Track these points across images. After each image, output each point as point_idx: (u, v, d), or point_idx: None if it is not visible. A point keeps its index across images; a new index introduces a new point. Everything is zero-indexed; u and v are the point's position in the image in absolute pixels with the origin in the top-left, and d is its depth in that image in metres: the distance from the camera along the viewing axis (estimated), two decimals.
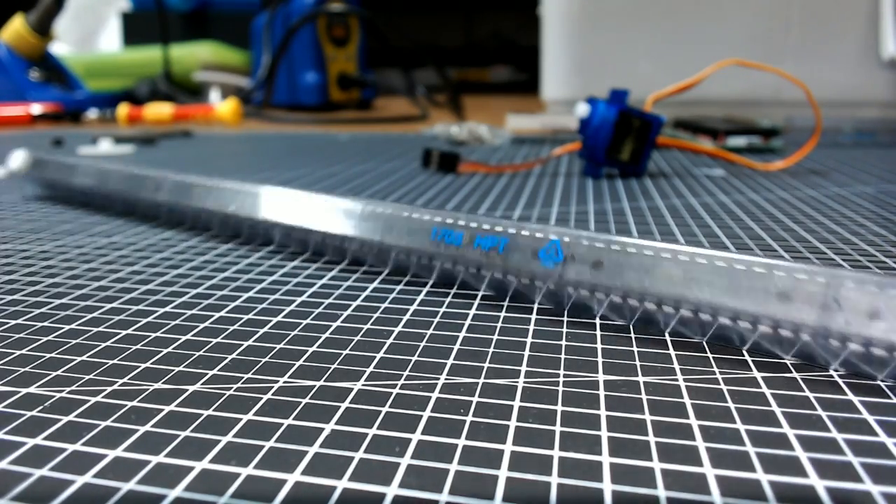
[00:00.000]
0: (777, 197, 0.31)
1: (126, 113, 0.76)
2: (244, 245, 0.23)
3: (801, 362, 0.14)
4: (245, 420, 0.12)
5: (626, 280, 0.15)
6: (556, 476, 0.10)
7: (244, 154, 0.50)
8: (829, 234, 0.24)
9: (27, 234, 0.25)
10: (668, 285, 0.14)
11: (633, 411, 0.12)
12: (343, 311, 0.17)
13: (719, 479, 0.10)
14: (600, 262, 0.15)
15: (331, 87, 0.93)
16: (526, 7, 0.88)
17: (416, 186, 0.35)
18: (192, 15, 1.16)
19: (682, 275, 0.14)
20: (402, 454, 0.11)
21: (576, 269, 0.15)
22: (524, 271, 0.16)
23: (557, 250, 0.15)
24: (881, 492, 0.10)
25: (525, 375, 0.13)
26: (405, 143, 0.55)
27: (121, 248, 0.23)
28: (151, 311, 0.17)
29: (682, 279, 0.14)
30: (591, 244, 0.15)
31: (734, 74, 0.49)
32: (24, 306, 0.18)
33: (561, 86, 0.75)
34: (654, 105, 0.37)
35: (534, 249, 0.16)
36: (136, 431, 0.11)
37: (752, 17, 0.68)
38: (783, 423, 0.11)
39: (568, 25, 0.73)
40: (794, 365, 0.14)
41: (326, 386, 0.13)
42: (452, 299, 0.18)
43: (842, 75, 0.67)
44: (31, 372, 0.14)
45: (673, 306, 0.14)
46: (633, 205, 0.30)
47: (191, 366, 0.14)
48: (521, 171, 0.40)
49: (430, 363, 0.14)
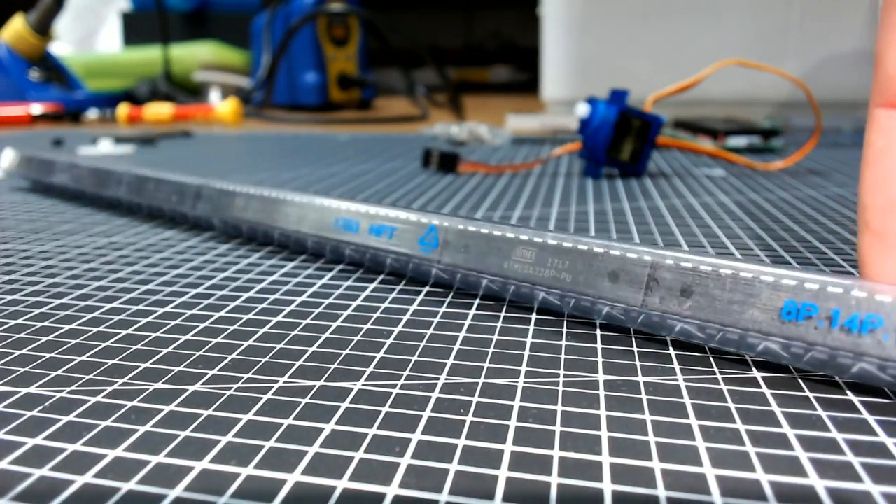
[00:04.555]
0: (777, 197, 0.31)
1: (126, 113, 0.76)
2: (244, 245, 0.23)
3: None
4: (245, 420, 0.12)
5: (487, 263, 0.16)
6: (556, 476, 0.10)
7: (244, 154, 0.50)
8: (828, 234, 0.24)
9: (27, 234, 0.25)
10: (522, 266, 0.16)
11: (633, 411, 0.12)
12: (343, 311, 0.17)
13: (719, 479, 0.10)
14: (468, 246, 0.17)
15: (331, 87, 0.93)
16: (526, 7, 0.88)
17: (416, 186, 0.35)
18: (192, 15, 1.16)
19: (533, 258, 0.16)
20: (402, 454, 0.11)
21: (450, 255, 0.17)
22: (412, 256, 0.18)
23: (434, 237, 0.17)
24: (881, 492, 0.10)
25: (525, 375, 0.13)
26: (405, 143, 0.55)
27: (121, 248, 0.23)
28: (151, 311, 0.17)
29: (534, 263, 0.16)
30: (464, 229, 0.17)
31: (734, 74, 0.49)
32: (24, 306, 0.18)
33: (561, 86, 0.75)
34: (654, 105, 0.37)
35: (416, 236, 0.18)
36: (136, 431, 0.11)
37: (752, 17, 0.68)
38: (783, 423, 0.11)
39: (568, 25, 0.73)
40: (793, 365, 0.14)
41: (326, 386, 0.13)
42: (452, 299, 0.18)
43: (842, 75, 0.67)
44: (31, 372, 0.14)
45: (529, 285, 0.16)
46: (633, 205, 0.30)
47: (191, 366, 0.14)
48: (521, 171, 0.40)
49: (430, 363, 0.14)
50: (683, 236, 0.24)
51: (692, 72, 0.37)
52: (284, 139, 0.60)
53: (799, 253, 0.22)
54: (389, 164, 0.43)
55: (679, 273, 0.13)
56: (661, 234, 0.25)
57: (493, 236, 0.16)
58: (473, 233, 0.17)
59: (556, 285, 0.15)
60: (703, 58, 0.51)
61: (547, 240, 0.15)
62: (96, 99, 0.86)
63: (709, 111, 0.62)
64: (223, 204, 0.23)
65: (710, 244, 0.23)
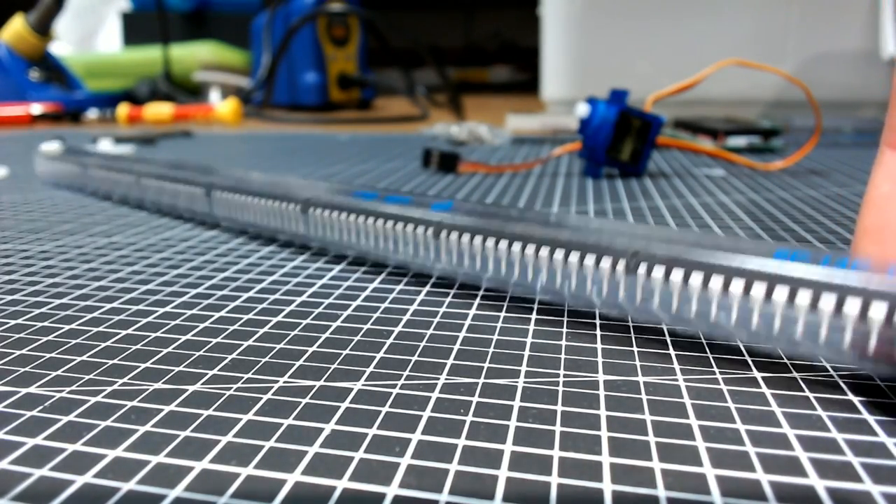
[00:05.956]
0: (777, 197, 0.31)
1: (126, 113, 0.76)
2: (244, 245, 0.23)
3: (801, 362, 0.14)
4: (245, 420, 0.12)
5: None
6: (556, 476, 0.10)
7: (244, 154, 0.50)
8: (829, 234, 0.24)
9: (27, 234, 0.25)
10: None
11: (633, 411, 0.12)
12: (343, 311, 0.17)
13: (719, 479, 0.10)
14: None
15: (331, 87, 0.93)
16: (526, 7, 0.88)
17: (416, 186, 0.35)
18: (192, 15, 1.16)
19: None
20: (402, 454, 0.11)
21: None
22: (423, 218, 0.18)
23: (448, 203, 0.18)
24: (881, 492, 0.10)
25: (525, 375, 0.13)
26: (405, 143, 0.55)
27: (121, 248, 0.23)
28: (151, 311, 0.17)
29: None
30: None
31: (734, 74, 0.49)
32: (24, 306, 0.18)
33: (561, 86, 0.75)
34: (654, 105, 0.37)
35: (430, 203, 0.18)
36: (136, 431, 0.11)
37: (752, 17, 0.68)
38: (783, 423, 0.11)
39: (568, 25, 0.73)
40: (794, 365, 0.14)
41: (326, 386, 0.13)
42: (452, 299, 0.18)
43: (842, 75, 0.67)
44: (31, 372, 0.14)
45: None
46: (633, 205, 0.30)
47: (191, 366, 0.14)
48: (521, 171, 0.40)
49: (430, 363, 0.14)
50: None
51: (692, 72, 0.37)
52: (284, 139, 0.60)
53: None
54: (389, 164, 0.43)
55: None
56: None
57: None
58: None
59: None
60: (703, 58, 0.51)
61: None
62: (96, 99, 0.86)
63: (709, 111, 0.62)
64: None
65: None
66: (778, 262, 0.12)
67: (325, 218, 0.20)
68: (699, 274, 0.13)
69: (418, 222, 0.18)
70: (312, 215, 0.20)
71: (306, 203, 0.20)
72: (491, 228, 0.16)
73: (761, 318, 0.12)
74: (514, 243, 0.16)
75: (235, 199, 0.23)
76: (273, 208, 0.22)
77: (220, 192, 0.24)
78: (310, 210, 0.20)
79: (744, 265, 0.12)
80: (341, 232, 0.20)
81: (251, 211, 0.22)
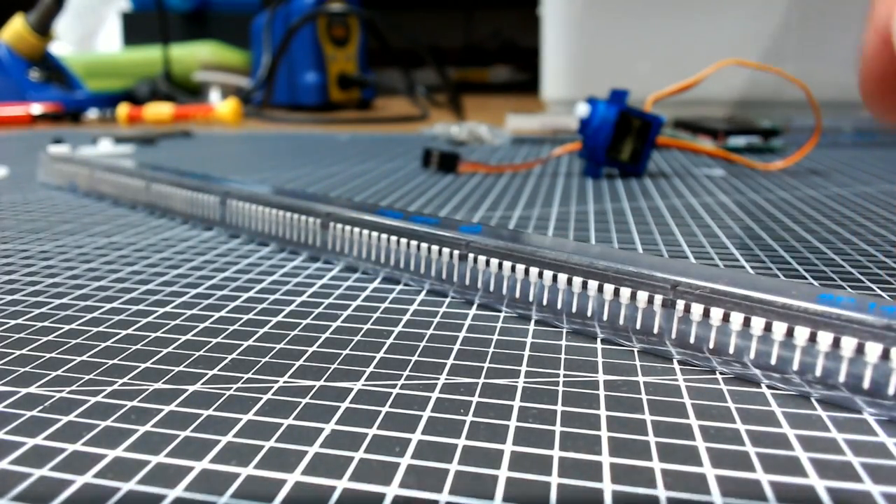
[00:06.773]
0: (777, 197, 0.31)
1: (126, 113, 0.76)
2: (244, 245, 0.23)
3: None
4: (245, 420, 0.12)
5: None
6: (556, 476, 0.10)
7: (244, 154, 0.50)
8: (829, 234, 0.24)
9: (27, 234, 0.25)
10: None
11: (633, 411, 0.12)
12: (343, 311, 0.17)
13: (719, 479, 0.10)
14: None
15: (331, 87, 0.93)
16: (526, 7, 0.88)
17: (416, 186, 0.35)
18: (192, 15, 1.16)
19: None
20: (402, 454, 0.11)
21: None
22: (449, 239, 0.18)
23: (476, 227, 0.18)
24: (881, 492, 0.10)
25: (525, 375, 0.13)
26: (405, 143, 0.55)
27: (121, 248, 0.23)
28: (151, 311, 0.17)
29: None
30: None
31: (734, 74, 0.49)
32: (24, 306, 0.18)
33: (561, 86, 0.75)
34: (654, 105, 0.37)
35: (457, 225, 0.18)
36: (136, 431, 0.11)
37: (752, 17, 0.68)
38: (783, 423, 0.11)
39: (568, 25, 0.73)
40: None
41: (326, 386, 0.13)
42: (452, 299, 0.18)
43: (842, 75, 0.66)
44: (31, 372, 0.14)
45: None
46: (633, 205, 0.30)
47: (191, 366, 0.14)
48: (521, 171, 0.40)
49: (429, 363, 0.14)
50: (683, 236, 0.24)
51: (692, 72, 0.37)
52: (284, 139, 0.60)
53: (799, 253, 0.22)
54: (389, 164, 0.43)
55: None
56: (661, 234, 0.25)
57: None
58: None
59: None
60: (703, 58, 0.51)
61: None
62: (96, 99, 0.86)
63: (709, 111, 0.62)
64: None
65: (710, 244, 0.23)
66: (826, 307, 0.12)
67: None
68: (740, 315, 0.13)
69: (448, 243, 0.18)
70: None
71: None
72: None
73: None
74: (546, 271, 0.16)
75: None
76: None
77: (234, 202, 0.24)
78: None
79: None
80: (367, 251, 0.20)
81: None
